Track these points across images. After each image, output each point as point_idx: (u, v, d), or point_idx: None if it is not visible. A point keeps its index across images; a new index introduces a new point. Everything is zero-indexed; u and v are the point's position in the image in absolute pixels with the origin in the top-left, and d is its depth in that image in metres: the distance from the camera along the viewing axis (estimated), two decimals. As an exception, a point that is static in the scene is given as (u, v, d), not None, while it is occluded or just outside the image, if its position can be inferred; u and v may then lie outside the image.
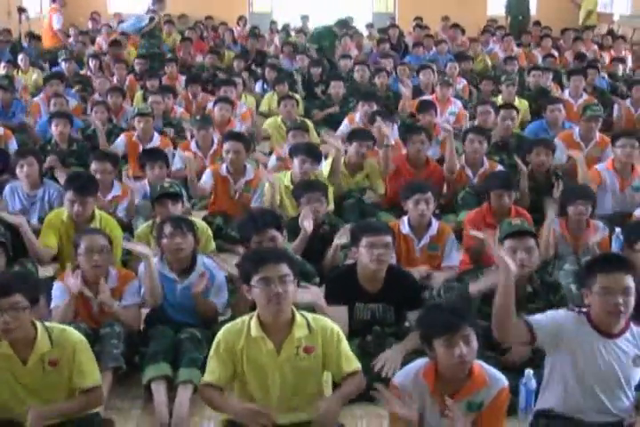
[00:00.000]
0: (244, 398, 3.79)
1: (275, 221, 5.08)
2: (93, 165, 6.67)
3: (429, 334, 3.54)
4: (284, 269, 3.63)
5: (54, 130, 8.21)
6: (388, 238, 4.69)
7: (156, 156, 7.01)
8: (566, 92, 10.48)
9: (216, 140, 8.06)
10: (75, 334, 3.89)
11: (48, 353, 3.79)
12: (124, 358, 4.51)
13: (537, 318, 3.77)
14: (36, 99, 10.47)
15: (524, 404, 4.27)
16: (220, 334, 3.76)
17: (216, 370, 3.72)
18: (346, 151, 7.39)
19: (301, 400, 3.78)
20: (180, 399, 4.29)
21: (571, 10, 18.67)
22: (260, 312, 3.67)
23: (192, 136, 8.53)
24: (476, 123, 8.84)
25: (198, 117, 8.44)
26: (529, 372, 4.23)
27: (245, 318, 3.76)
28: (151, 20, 13.37)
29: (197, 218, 6.15)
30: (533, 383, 4.22)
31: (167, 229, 4.88)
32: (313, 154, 6.75)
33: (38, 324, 3.82)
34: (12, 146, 8.50)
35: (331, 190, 6.54)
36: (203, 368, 4.38)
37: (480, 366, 3.62)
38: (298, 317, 3.72)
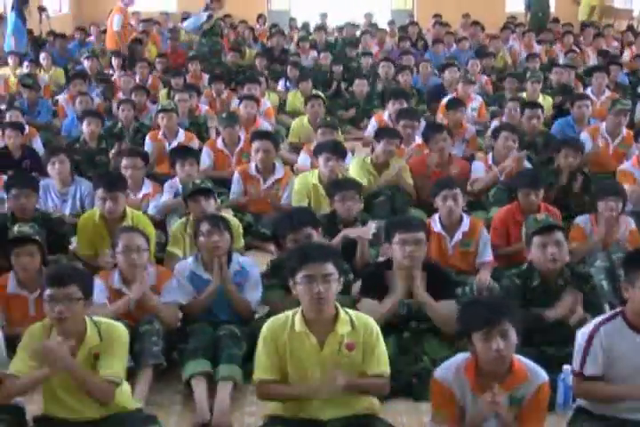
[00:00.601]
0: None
1: (311, 219, 5.13)
2: (124, 161, 6.73)
3: (468, 327, 3.56)
4: (329, 268, 3.65)
5: (86, 128, 8.25)
6: (421, 235, 4.73)
7: (186, 153, 7.02)
8: (589, 89, 10.44)
9: (242, 138, 8.10)
10: (120, 329, 3.93)
11: (95, 347, 3.83)
12: (163, 355, 4.55)
13: (591, 370, 3.79)
14: (60, 100, 10.52)
15: (562, 400, 4.28)
16: (264, 329, 3.78)
17: (268, 366, 3.73)
18: (373, 149, 7.41)
19: (343, 396, 3.78)
20: (220, 396, 4.32)
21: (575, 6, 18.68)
22: (304, 308, 3.71)
23: (217, 134, 8.57)
24: (504, 119, 8.84)
25: (224, 115, 8.45)
26: (567, 368, 4.23)
27: (289, 313, 3.79)
28: (209, 17, 13.44)
29: (227, 215, 6.16)
30: (571, 379, 4.22)
31: (204, 227, 4.91)
32: (337, 151, 6.76)
33: (87, 318, 3.86)
34: (37, 144, 8.60)
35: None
36: (242, 365, 4.47)
37: (520, 360, 3.63)
38: (342, 313, 3.74)
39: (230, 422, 4.24)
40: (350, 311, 3.82)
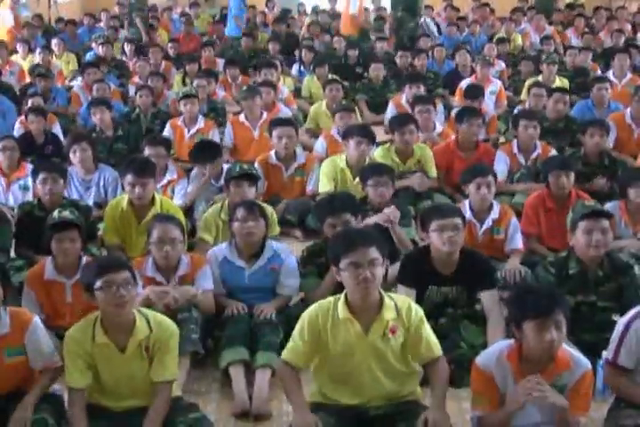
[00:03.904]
0: (327, 374, 3.79)
1: (351, 204, 5.09)
2: (147, 150, 6.69)
3: (520, 315, 3.51)
4: (374, 253, 3.62)
5: (94, 118, 8.23)
6: (458, 220, 4.70)
7: (209, 154, 6.87)
8: (610, 71, 10.38)
9: (265, 116, 8.14)
10: (169, 322, 3.91)
11: (145, 339, 3.80)
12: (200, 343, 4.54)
13: (625, 361, 3.80)
14: (74, 87, 10.47)
15: (602, 386, 4.25)
16: (306, 313, 3.76)
17: (298, 350, 3.72)
18: (392, 141, 7.29)
19: (394, 381, 3.78)
20: (259, 383, 4.32)
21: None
22: (349, 294, 3.67)
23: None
24: (527, 105, 8.80)
25: (245, 88, 8.45)
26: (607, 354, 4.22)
27: (331, 299, 3.76)
28: None
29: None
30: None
31: (240, 213, 4.89)
32: (368, 135, 6.74)
33: (133, 309, 3.82)
34: (57, 130, 8.55)
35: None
36: (280, 352, 4.42)
37: (564, 348, 3.59)
38: (386, 299, 3.71)
39: (269, 409, 4.24)
40: (394, 296, 3.80)
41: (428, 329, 3.79)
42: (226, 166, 6.88)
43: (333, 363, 3.74)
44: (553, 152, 7.26)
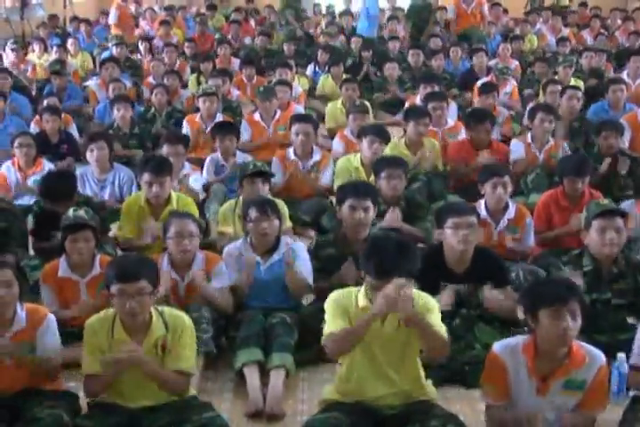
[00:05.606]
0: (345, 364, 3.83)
1: (374, 193, 5.20)
2: (165, 149, 6.68)
3: (536, 303, 3.49)
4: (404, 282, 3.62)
5: (117, 114, 8.26)
6: (473, 219, 4.72)
7: (227, 129, 7.14)
8: (624, 72, 10.34)
9: (278, 113, 8.32)
10: (185, 317, 3.91)
11: (161, 338, 3.80)
12: (213, 342, 4.53)
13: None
14: (91, 85, 10.49)
15: (616, 388, 4.24)
16: (330, 299, 3.82)
17: (338, 323, 3.73)
18: (405, 130, 7.46)
19: (407, 376, 3.80)
20: (273, 384, 4.31)
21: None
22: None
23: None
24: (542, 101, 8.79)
25: (262, 89, 8.58)
26: (622, 356, 4.20)
27: (353, 289, 3.83)
28: None
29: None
30: (626, 367, 4.18)
31: (253, 213, 4.88)
32: (382, 135, 6.76)
33: (151, 307, 3.83)
34: (72, 130, 8.58)
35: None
36: (294, 353, 4.47)
37: (579, 344, 3.59)
38: None
39: (283, 409, 4.24)
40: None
41: (435, 315, 3.78)
42: (239, 153, 7.13)
43: (355, 351, 3.75)
44: (564, 145, 7.33)
